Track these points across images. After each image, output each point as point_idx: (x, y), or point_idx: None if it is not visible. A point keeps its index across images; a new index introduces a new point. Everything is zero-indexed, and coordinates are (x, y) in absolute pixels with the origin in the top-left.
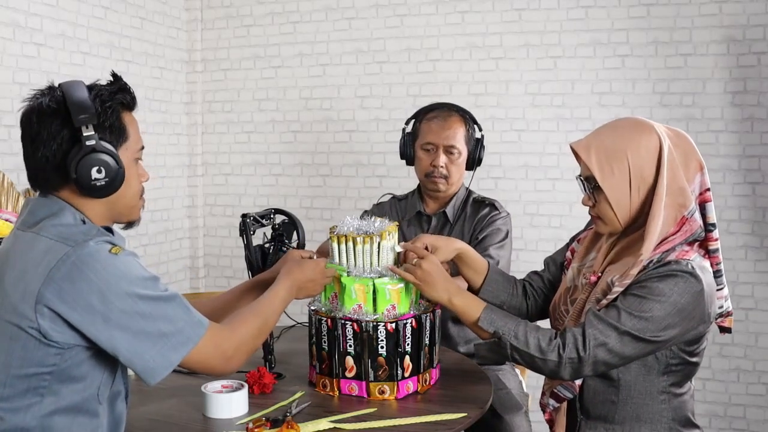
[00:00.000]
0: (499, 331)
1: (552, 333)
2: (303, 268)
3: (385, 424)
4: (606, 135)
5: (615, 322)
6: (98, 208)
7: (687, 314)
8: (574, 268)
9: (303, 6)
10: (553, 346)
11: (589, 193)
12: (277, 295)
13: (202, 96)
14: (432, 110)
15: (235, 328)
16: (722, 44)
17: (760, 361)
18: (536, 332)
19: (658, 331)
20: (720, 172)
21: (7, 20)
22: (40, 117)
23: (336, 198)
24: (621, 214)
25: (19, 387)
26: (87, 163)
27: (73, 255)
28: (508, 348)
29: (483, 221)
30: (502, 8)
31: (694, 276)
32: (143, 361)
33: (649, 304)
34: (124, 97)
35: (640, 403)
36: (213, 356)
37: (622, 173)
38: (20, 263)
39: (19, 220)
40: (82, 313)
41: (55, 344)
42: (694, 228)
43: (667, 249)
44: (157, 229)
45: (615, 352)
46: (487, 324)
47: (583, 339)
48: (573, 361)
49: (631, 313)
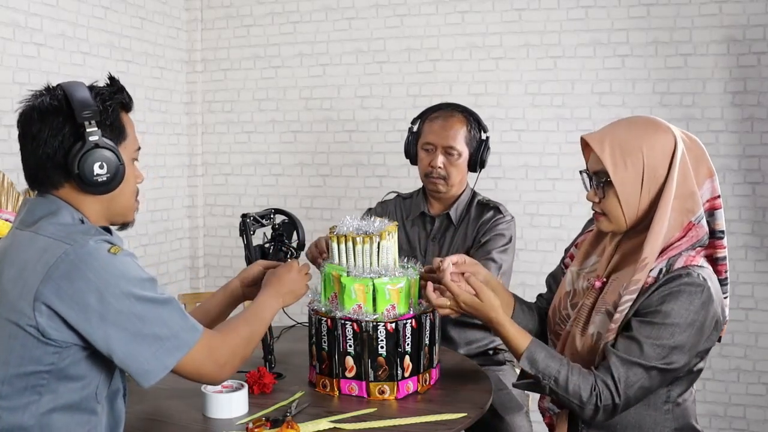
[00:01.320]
0: (540, 374)
1: (592, 381)
2: (280, 273)
3: (385, 424)
4: (621, 129)
5: (639, 359)
6: (96, 207)
7: (705, 329)
8: (573, 272)
9: (303, 6)
10: (591, 399)
11: (596, 188)
12: (264, 305)
13: (202, 96)
14: (436, 110)
15: (226, 336)
16: (722, 44)
17: (760, 361)
18: (577, 379)
19: (681, 356)
20: (720, 172)
21: (7, 20)
22: (41, 115)
23: (336, 198)
24: (628, 212)
25: (18, 385)
26: (90, 158)
27: (72, 253)
28: (547, 390)
29: (486, 225)
30: (502, 8)
31: (705, 288)
32: (138, 363)
33: (668, 330)
34: (123, 98)
35: (643, 413)
36: (206, 363)
37: (636, 169)
38: (19, 261)
39: (17, 220)
40: (78, 311)
41: (53, 342)
42: (700, 234)
43: (674, 255)
44: (157, 229)
45: (644, 389)
46: (528, 365)
47: (615, 386)
48: (608, 408)
49: (653, 345)
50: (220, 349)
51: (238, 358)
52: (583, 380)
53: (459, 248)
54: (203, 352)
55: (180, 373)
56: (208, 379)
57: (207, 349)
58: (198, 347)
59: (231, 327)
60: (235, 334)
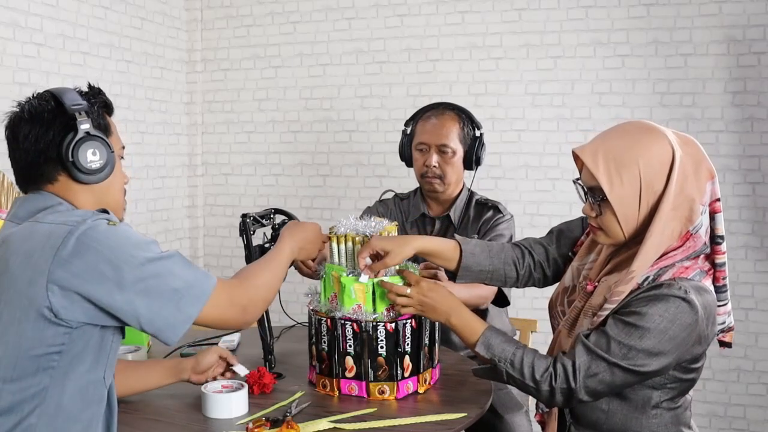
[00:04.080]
0: (495, 358)
1: (548, 362)
2: (304, 228)
3: (385, 424)
4: (614, 140)
5: (604, 353)
6: (89, 200)
7: (679, 342)
8: (573, 267)
9: (303, 6)
10: (545, 377)
11: (592, 204)
12: (282, 251)
13: (202, 96)
14: (428, 110)
15: (244, 281)
16: (722, 44)
17: (760, 361)
18: (532, 361)
19: (648, 360)
20: (720, 172)
21: (7, 20)
22: (32, 116)
23: (336, 198)
24: (627, 227)
25: (29, 368)
26: (83, 146)
27: (75, 232)
28: (504, 375)
29: (487, 225)
30: (502, 8)
31: (687, 301)
32: (163, 320)
33: (638, 332)
34: (106, 99)
35: (630, 416)
36: (228, 308)
37: (632, 185)
38: (24, 249)
39: (9, 214)
40: (96, 283)
41: (64, 323)
42: (698, 245)
43: (666, 265)
44: (157, 229)
45: (605, 383)
46: (484, 349)
47: (573, 370)
48: (564, 391)
49: (620, 343)
50: (240, 292)
51: (260, 301)
52: (538, 361)
53: None
54: (223, 298)
55: (205, 322)
56: (233, 323)
57: (226, 294)
58: (216, 294)
59: (247, 272)
60: (253, 277)
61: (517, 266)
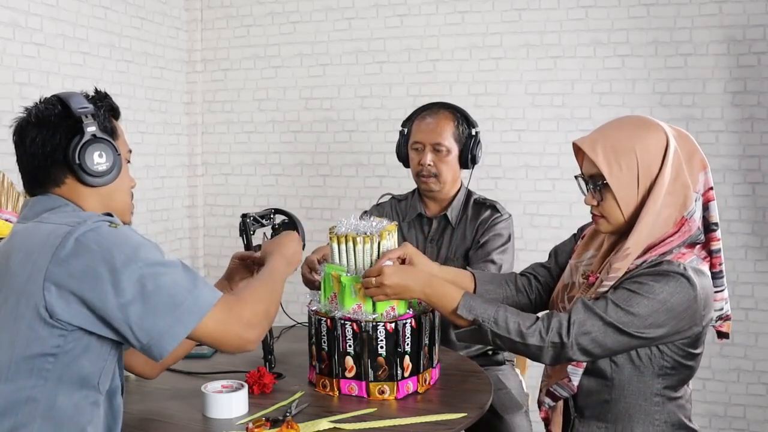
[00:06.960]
0: (479, 318)
1: (534, 317)
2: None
3: (385, 424)
4: (612, 131)
5: (601, 312)
6: (96, 203)
7: (676, 315)
8: (572, 265)
9: (303, 6)
10: (533, 330)
11: (593, 192)
12: (276, 269)
13: (202, 96)
14: (423, 110)
15: (245, 296)
16: (722, 44)
17: (760, 361)
18: (516, 316)
19: (643, 328)
20: (720, 172)
21: (7, 20)
22: (38, 119)
23: (336, 198)
24: (627, 211)
25: (23, 369)
26: (89, 148)
27: (75, 232)
28: (489, 335)
29: (485, 225)
30: (502, 8)
31: (686, 277)
32: (156, 328)
33: (637, 299)
34: (112, 102)
35: (633, 403)
36: (229, 324)
37: (631, 170)
38: (25, 247)
39: (20, 216)
40: (92, 284)
41: (59, 324)
42: (692, 229)
43: (664, 252)
44: (157, 229)
45: (598, 342)
46: (466, 312)
47: (568, 325)
48: (555, 345)
49: (618, 306)
50: (241, 307)
51: (263, 316)
52: (523, 317)
53: (457, 249)
54: (224, 312)
55: (202, 336)
56: (233, 341)
57: (227, 308)
58: (218, 307)
59: (247, 288)
60: (254, 293)
61: (528, 292)
